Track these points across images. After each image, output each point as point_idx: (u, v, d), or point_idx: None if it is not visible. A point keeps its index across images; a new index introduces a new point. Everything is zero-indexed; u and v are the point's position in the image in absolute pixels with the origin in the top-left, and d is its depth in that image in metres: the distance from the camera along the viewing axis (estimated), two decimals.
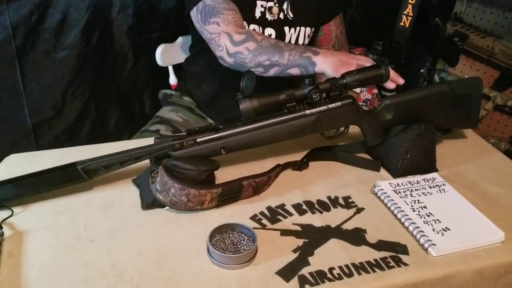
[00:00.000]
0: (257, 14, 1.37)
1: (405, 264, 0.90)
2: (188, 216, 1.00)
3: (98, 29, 1.71)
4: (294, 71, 1.19)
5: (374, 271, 0.88)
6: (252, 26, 1.38)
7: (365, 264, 0.89)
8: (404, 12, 1.55)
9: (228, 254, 0.88)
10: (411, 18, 1.54)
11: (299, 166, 1.16)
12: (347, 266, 0.89)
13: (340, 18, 1.57)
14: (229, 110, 1.05)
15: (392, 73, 1.14)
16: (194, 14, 1.29)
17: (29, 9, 1.55)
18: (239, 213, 1.02)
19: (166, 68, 1.77)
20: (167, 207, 1.00)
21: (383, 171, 1.18)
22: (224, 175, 1.07)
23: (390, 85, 1.15)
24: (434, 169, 1.17)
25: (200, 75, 1.53)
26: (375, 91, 1.69)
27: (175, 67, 1.78)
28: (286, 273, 0.87)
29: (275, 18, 1.39)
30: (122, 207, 1.02)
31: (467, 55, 1.80)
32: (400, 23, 1.57)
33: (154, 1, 1.77)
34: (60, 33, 1.65)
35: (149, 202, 1.00)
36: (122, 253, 0.90)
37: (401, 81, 1.15)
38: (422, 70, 1.68)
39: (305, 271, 0.87)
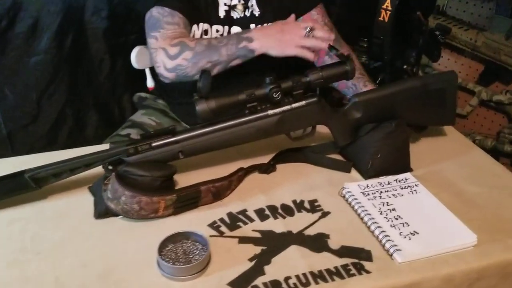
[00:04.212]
0: (221, 14, 1.33)
1: (367, 272, 0.85)
2: (143, 224, 0.95)
3: (72, 33, 1.67)
4: (237, 62, 1.19)
5: (333, 279, 0.83)
6: (215, 27, 1.34)
7: (324, 272, 0.84)
8: (383, 7, 1.51)
9: (178, 264, 0.83)
10: (390, 12, 1.49)
11: (266, 169, 1.11)
12: (304, 275, 0.84)
13: (323, 8, 1.49)
14: None
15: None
16: (145, 22, 1.30)
17: None
18: (197, 220, 0.97)
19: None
20: (121, 216, 0.95)
21: (355, 173, 1.12)
22: (188, 180, 1.02)
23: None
24: (408, 169, 1.11)
25: None
26: None
27: (153, 69, 1.73)
28: (239, 284, 0.82)
29: (241, 16, 1.34)
30: (75, 216, 0.98)
31: (451, 49, 1.74)
32: (379, 18, 1.53)
33: (129, 2, 1.73)
34: (32, 37, 1.62)
35: (102, 211, 0.96)
36: (67, 265, 0.85)
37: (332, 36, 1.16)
38: (405, 66, 1.62)
39: (259, 281, 0.82)
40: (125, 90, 1.88)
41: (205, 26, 1.33)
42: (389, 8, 1.47)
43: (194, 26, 1.33)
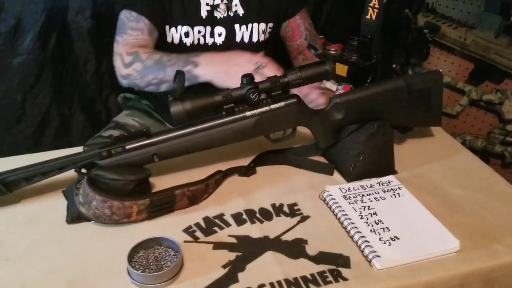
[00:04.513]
0: (203, 14, 1.30)
1: (345, 279, 0.82)
2: (116, 229, 0.92)
3: (56, 33, 1.64)
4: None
5: (308, 287, 0.80)
6: (197, 28, 1.31)
7: (300, 280, 0.81)
8: (370, 5, 1.48)
9: (149, 272, 0.80)
10: (377, 10, 1.46)
11: (246, 171, 1.08)
12: (279, 282, 0.81)
13: (305, 10, 1.49)
14: None
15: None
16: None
17: None
18: (172, 225, 0.94)
19: None
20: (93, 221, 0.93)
21: (337, 175, 1.09)
22: (166, 183, 0.99)
23: None
24: (392, 171, 1.08)
25: None
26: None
27: None
28: None
29: (225, 16, 1.31)
30: (47, 221, 0.95)
31: (441, 48, 1.70)
32: (366, 16, 1.50)
33: (113, 2, 1.70)
34: (14, 38, 1.59)
35: (75, 216, 0.93)
36: (36, 271, 0.83)
37: None
38: (394, 66, 1.59)
39: None
40: (111, 91, 1.85)
41: (185, 28, 1.31)
42: (376, 6, 1.44)
43: (172, 29, 1.31)
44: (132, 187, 0.93)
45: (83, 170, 0.97)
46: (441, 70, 1.75)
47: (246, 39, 1.35)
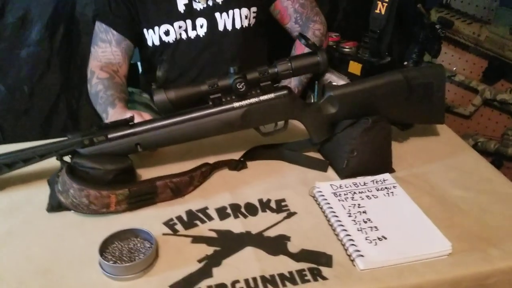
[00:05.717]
0: (181, 8, 1.29)
1: (324, 278, 0.77)
2: (96, 220, 0.90)
3: (63, 24, 1.64)
4: None
5: (284, 285, 0.76)
6: (177, 24, 1.30)
7: (276, 277, 0.77)
8: None
9: (120, 263, 0.78)
10: (387, 4, 1.40)
11: (236, 165, 1.04)
12: (254, 279, 0.77)
13: None
14: None
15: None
16: None
17: None
18: (153, 217, 0.91)
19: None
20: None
21: (332, 173, 1.05)
22: (155, 175, 0.96)
23: None
24: (390, 170, 1.03)
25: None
26: None
27: (144, 63, 1.69)
28: (181, 286, 0.76)
29: (204, 6, 1.29)
30: (28, 209, 0.94)
31: (455, 45, 1.63)
32: (376, 11, 1.44)
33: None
34: (22, 29, 1.59)
35: (55, 204, 0.92)
36: (9, 260, 0.82)
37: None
38: (406, 63, 1.53)
39: (204, 284, 0.76)
40: None
41: (164, 27, 1.30)
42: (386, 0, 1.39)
43: (150, 31, 1.31)
44: (112, 177, 0.91)
45: (67, 159, 0.95)
46: (454, 68, 1.69)
47: (229, 27, 1.32)
